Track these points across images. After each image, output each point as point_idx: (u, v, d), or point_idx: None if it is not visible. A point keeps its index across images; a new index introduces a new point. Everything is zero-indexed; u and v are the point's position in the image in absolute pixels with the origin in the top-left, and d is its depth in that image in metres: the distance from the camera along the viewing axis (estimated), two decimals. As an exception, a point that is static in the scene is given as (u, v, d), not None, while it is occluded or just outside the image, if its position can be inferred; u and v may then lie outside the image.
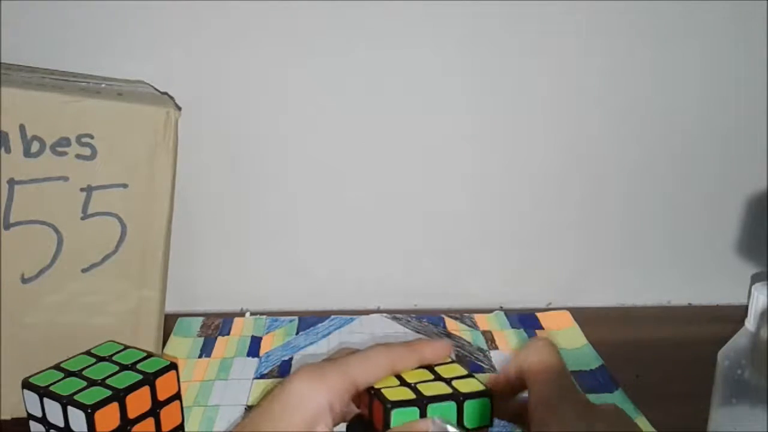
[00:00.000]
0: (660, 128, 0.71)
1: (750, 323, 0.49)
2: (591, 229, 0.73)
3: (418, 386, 0.37)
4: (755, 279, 0.73)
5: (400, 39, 0.66)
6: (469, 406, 0.37)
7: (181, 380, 0.58)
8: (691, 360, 0.54)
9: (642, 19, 0.67)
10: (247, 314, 0.70)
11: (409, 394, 0.37)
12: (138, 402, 0.44)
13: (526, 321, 0.69)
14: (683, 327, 0.71)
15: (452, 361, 0.41)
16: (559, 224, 0.73)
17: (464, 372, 0.39)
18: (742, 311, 0.50)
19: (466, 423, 0.37)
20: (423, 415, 0.36)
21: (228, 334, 0.67)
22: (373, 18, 0.65)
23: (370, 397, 0.37)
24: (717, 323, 0.58)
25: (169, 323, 0.64)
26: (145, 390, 0.45)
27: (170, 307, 0.62)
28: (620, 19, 0.66)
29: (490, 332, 0.67)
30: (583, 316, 0.70)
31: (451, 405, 0.37)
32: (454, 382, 0.38)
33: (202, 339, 0.66)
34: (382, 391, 0.37)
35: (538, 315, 0.71)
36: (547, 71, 0.68)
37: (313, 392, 0.35)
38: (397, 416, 0.36)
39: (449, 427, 0.35)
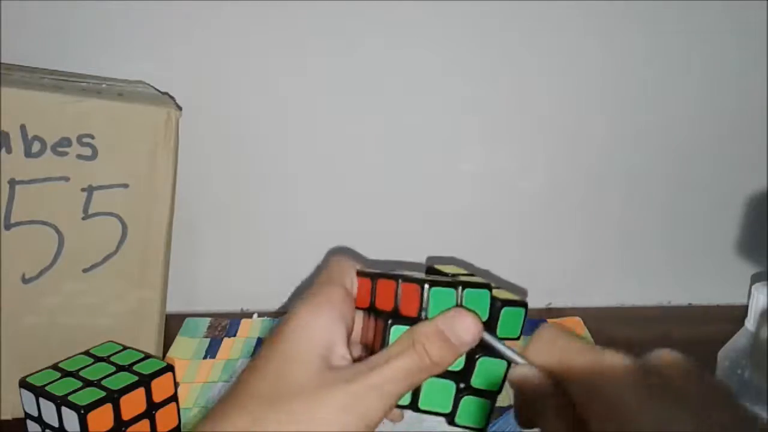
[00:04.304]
0: (660, 128, 0.71)
1: (750, 323, 0.49)
2: (591, 229, 0.73)
3: (447, 279, 0.34)
4: (755, 279, 0.73)
5: (401, 39, 0.66)
6: (507, 313, 0.35)
7: (183, 381, 0.58)
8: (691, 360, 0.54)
9: (642, 20, 0.67)
10: (255, 316, 0.70)
11: (442, 280, 0.33)
12: (132, 403, 0.44)
13: (534, 327, 0.69)
14: (683, 327, 0.71)
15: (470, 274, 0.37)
16: (560, 224, 0.73)
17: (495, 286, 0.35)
18: (742, 311, 0.50)
19: (499, 332, 0.35)
20: (459, 299, 0.32)
21: (234, 335, 0.67)
22: (374, 18, 0.65)
23: (396, 283, 0.33)
24: (717, 323, 0.58)
25: (172, 323, 0.64)
26: (140, 392, 0.45)
27: (174, 307, 0.63)
28: (621, 19, 0.66)
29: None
30: (584, 316, 0.70)
31: (485, 293, 0.33)
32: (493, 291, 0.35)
33: (208, 340, 0.66)
34: (413, 276, 0.33)
35: (549, 321, 0.70)
36: (548, 72, 0.68)
37: (320, 313, 0.32)
38: (435, 296, 0.32)
39: (500, 345, 0.33)
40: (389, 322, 0.32)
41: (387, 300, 0.33)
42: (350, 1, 0.64)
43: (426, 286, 0.32)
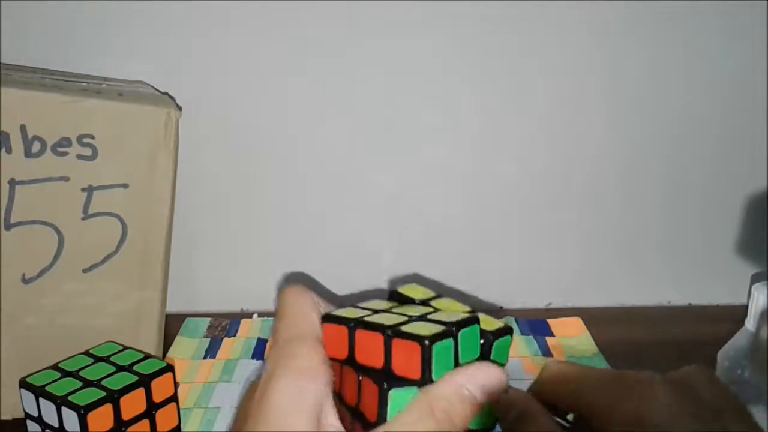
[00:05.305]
0: (660, 128, 0.71)
1: (750, 323, 0.49)
2: (591, 229, 0.73)
3: (431, 317, 0.30)
4: (755, 279, 0.73)
5: (401, 39, 0.66)
6: (498, 344, 0.31)
7: (183, 381, 0.58)
8: (691, 360, 0.54)
9: (642, 20, 0.67)
10: (255, 316, 0.70)
11: (436, 327, 0.28)
12: (132, 403, 0.44)
13: (536, 327, 0.69)
14: (683, 327, 0.71)
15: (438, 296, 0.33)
16: (559, 225, 0.73)
17: (467, 308, 0.32)
18: (742, 311, 0.50)
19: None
20: (456, 344, 0.28)
21: (235, 335, 0.67)
22: (374, 18, 0.65)
23: (385, 338, 0.28)
24: (717, 323, 0.58)
25: (172, 323, 0.64)
26: (140, 392, 0.45)
27: (174, 307, 0.63)
28: (621, 19, 0.66)
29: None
30: (584, 317, 0.70)
31: (475, 328, 0.30)
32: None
33: (208, 340, 0.66)
34: (403, 329, 0.28)
35: (549, 321, 0.69)
36: (547, 72, 0.68)
37: (303, 383, 0.28)
38: (438, 352, 0.27)
39: None
40: (385, 385, 0.28)
41: (373, 355, 0.29)
42: (350, 1, 0.64)
43: (426, 343, 0.27)
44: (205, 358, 0.63)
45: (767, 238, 0.74)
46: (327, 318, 0.30)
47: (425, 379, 0.28)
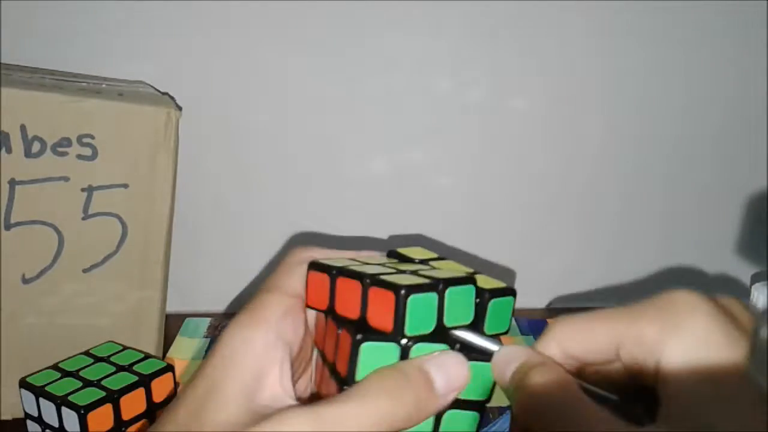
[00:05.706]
0: (659, 128, 0.71)
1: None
2: (591, 229, 0.73)
3: (422, 273, 0.28)
4: (755, 279, 0.73)
5: (401, 39, 0.66)
6: (495, 306, 0.29)
7: (183, 382, 0.58)
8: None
9: (642, 20, 0.67)
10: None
11: (419, 280, 0.26)
12: (133, 403, 0.45)
13: (536, 327, 0.69)
14: (683, 327, 0.71)
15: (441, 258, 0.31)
16: (559, 224, 0.73)
17: (470, 270, 0.30)
18: (742, 311, 0.50)
19: (488, 328, 0.29)
20: (441, 302, 0.26)
21: (234, 335, 0.67)
22: (374, 18, 0.65)
23: (363, 286, 0.26)
24: (717, 323, 0.58)
25: (172, 323, 0.64)
26: (140, 392, 0.45)
27: (174, 307, 0.63)
28: (621, 19, 0.66)
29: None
30: (583, 316, 0.70)
31: (470, 289, 0.28)
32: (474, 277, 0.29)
33: (208, 340, 0.66)
34: (383, 278, 0.26)
35: (549, 321, 0.70)
36: (547, 71, 0.68)
37: (251, 334, 0.27)
38: (414, 304, 0.25)
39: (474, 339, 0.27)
40: (358, 337, 0.26)
41: (351, 305, 0.27)
42: (350, 1, 0.64)
43: (402, 292, 0.25)
44: (205, 358, 0.63)
45: (767, 238, 0.74)
46: (312, 266, 0.29)
47: (397, 332, 0.26)
